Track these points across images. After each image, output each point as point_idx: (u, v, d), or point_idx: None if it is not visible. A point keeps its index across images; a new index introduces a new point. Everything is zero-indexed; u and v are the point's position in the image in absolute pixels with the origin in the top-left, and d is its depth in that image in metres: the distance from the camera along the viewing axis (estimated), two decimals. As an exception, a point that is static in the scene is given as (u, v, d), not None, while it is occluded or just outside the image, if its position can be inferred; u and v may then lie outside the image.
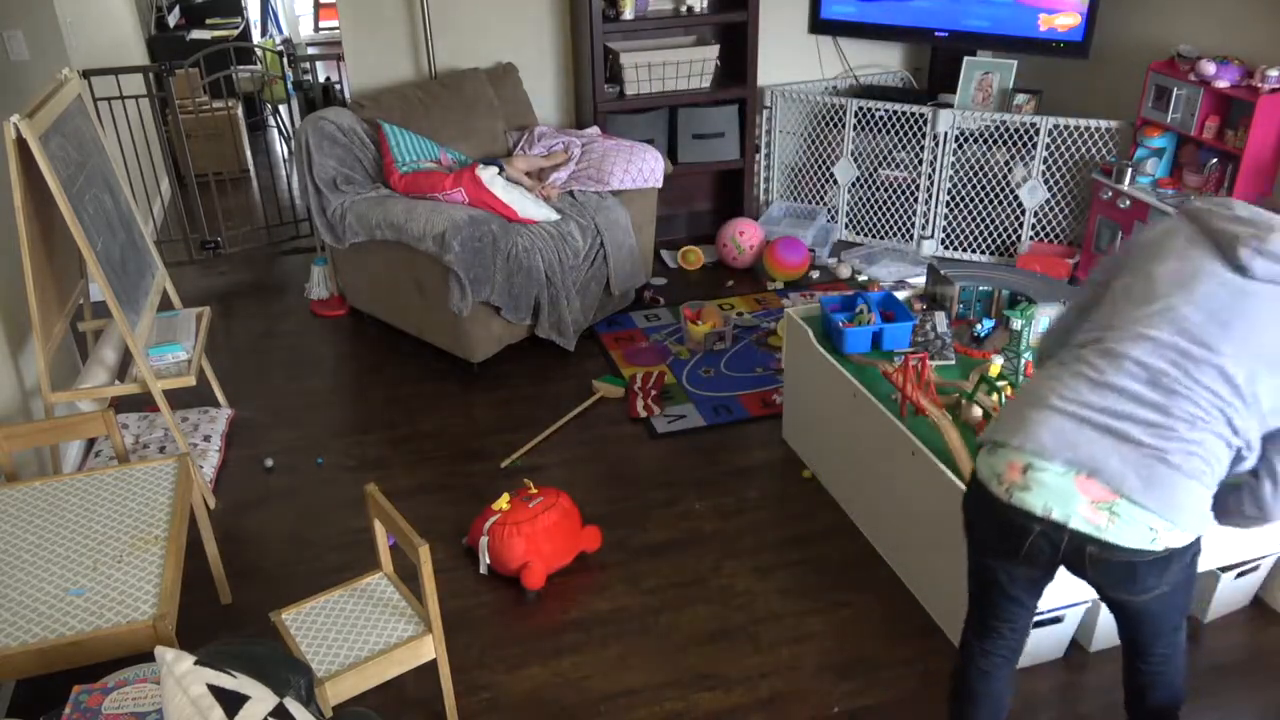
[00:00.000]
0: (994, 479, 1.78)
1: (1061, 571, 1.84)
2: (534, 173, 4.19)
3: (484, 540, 2.85)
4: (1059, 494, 1.70)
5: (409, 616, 2.25)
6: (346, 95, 5.17)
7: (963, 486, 2.42)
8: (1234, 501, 1.78)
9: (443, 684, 2.32)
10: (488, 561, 2.86)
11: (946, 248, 4.81)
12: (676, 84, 4.59)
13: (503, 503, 2.89)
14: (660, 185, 4.24)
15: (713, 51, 4.57)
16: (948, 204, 4.72)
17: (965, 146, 4.62)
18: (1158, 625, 1.92)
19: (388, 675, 2.18)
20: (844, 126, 4.78)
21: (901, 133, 4.68)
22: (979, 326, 3.05)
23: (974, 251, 4.76)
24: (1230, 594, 2.63)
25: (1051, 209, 4.54)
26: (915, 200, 4.76)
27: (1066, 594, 2.36)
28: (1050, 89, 4.76)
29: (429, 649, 2.22)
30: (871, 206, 4.90)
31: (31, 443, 2.71)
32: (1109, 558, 1.71)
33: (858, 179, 4.87)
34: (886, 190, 4.83)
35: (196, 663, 1.46)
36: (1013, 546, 1.79)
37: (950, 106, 4.61)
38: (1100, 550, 1.70)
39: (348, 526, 3.11)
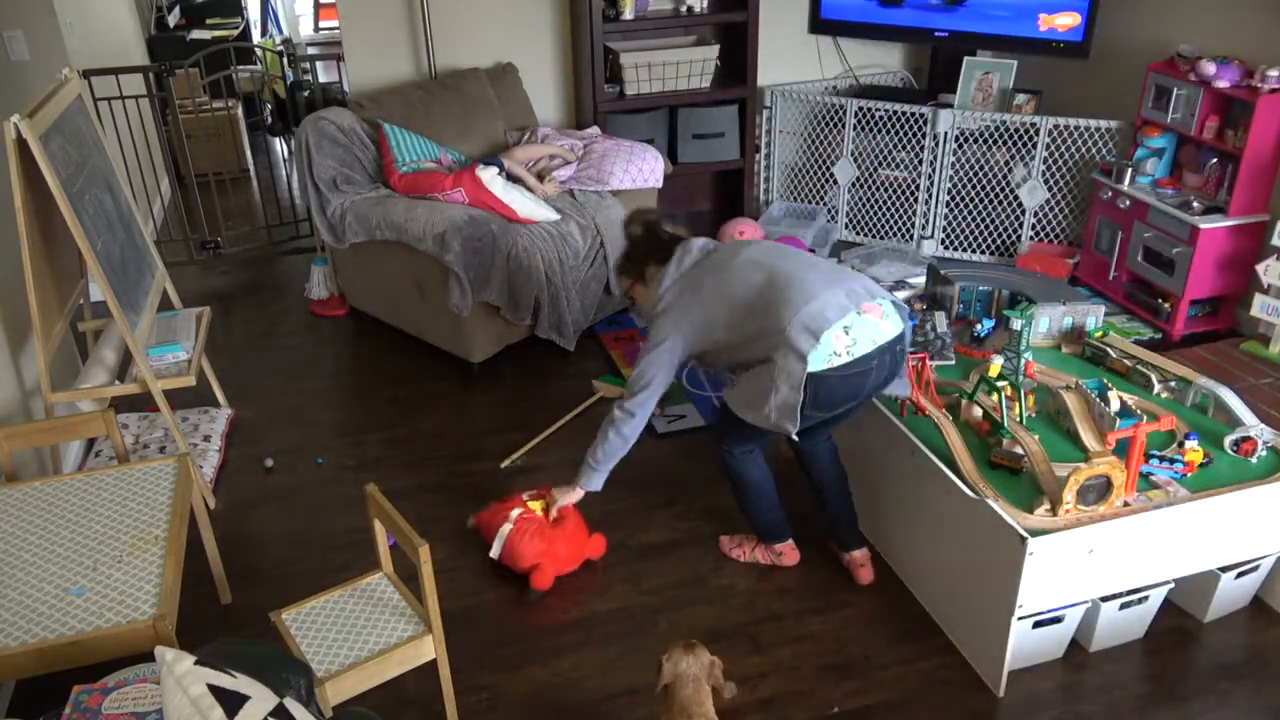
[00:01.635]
0: (832, 356, 2.37)
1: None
2: (538, 162, 4.18)
3: (506, 528, 2.84)
4: (869, 329, 2.42)
5: (409, 616, 2.25)
6: (346, 95, 5.17)
7: (963, 486, 2.42)
8: None
9: (443, 684, 2.32)
10: (500, 549, 2.85)
11: (946, 248, 4.81)
12: (676, 84, 4.59)
13: (537, 506, 2.89)
14: (660, 185, 4.24)
15: (713, 51, 4.57)
16: (948, 204, 4.72)
17: (965, 146, 4.62)
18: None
19: (388, 675, 2.18)
20: (844, 126, 4.78)
21: (901, 133, 4.68)
22: (979, 326, 3.05)
23: (974, 251, 4.76)
24: (1230, 594, 2.62)
25: (1051, 209, 4.54)
26: (915, 200, 4.76)
27: (1066, 594, 2.37)
28: (1050, 89, 4.76)
29: (429, 649, 2.22)
30: (871, 206, 4.90)
31: (31, 443, 2.71)
32: (904, 347, 2.52)
33: (858, 179, 4.87)
34: (886, 190, 4.83)
35: (196, 663, 1.46)
36: (858, 388, 2.45)
37: (950, 106, 4.61)
38: (900, 342, 2.49)
39: (348, 526, 3.11)
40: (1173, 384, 2.82)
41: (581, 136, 4.39)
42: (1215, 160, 3.88)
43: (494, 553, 2.88)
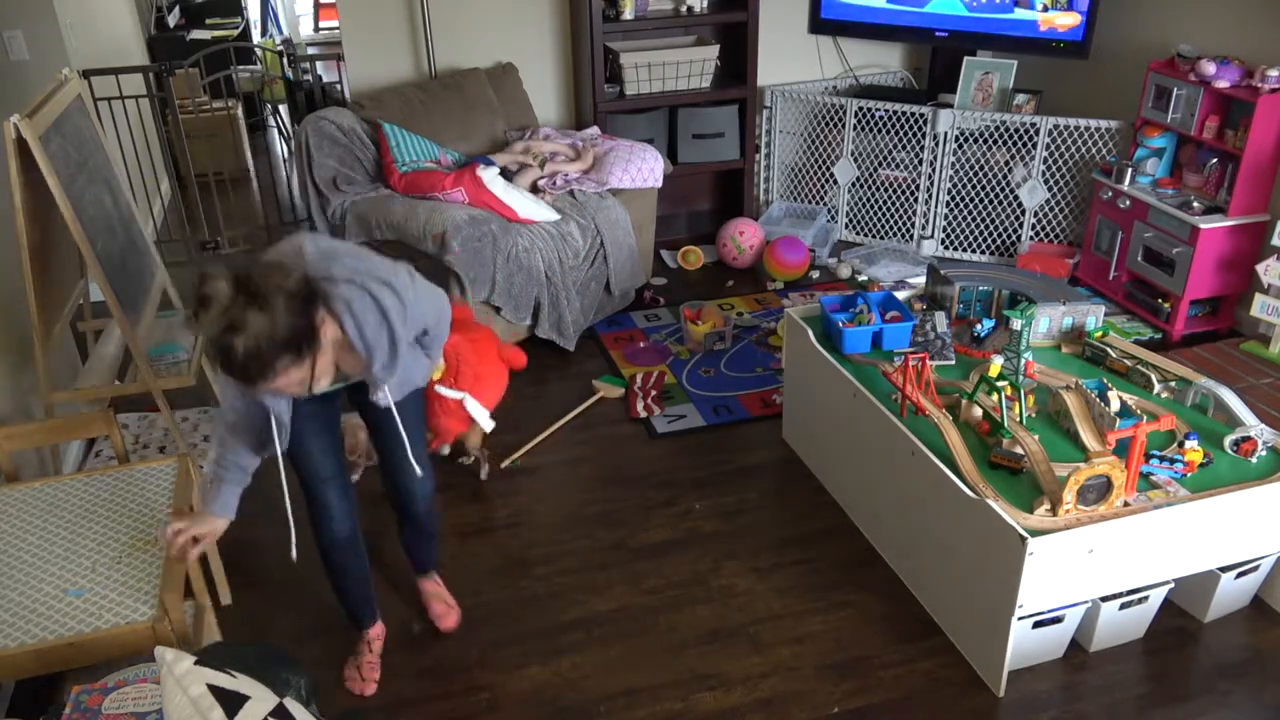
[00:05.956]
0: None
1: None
2: (546, 157, 4.19)
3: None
4: None
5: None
6: (346, 94, 5.17)
7: (963, 486, 2.42)
8: None
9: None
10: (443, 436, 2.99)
11: (946, 248, 4.81)
12: (676, 84, 4.59)
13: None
14: (660, 185, 4.24)
15: (713, 51, 4.57)
16: (948, 204, 4.72)
17: (965, 146, 4.62)
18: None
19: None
20: (844, 126, 4.78)
21: (901, 133, 4.68)
22: (979, 326, 3.05)
23: (974, 251, 4.76)
24: (1230, 594, 2.62)
25: (1051, 209, 4.54)
26: (915, 200, 4.76)
27: (1066, 594, 2.37)
28: (1050, 89, 4.76)
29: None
30: (871, 206, 4.90)
31: (31, 443, 2.70)
32: None
33: (858, 179, 4.87)
34: (886, 190, 4.83)
35: (196, 663, 1.46)
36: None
37: (950, 106, 4.61)
38: None
39: (348, 526, 3.10)
40: (1173, 384, 2.82)
41: (581, 136, 4.39)
42: (1215, 160, 3.88)
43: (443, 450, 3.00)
